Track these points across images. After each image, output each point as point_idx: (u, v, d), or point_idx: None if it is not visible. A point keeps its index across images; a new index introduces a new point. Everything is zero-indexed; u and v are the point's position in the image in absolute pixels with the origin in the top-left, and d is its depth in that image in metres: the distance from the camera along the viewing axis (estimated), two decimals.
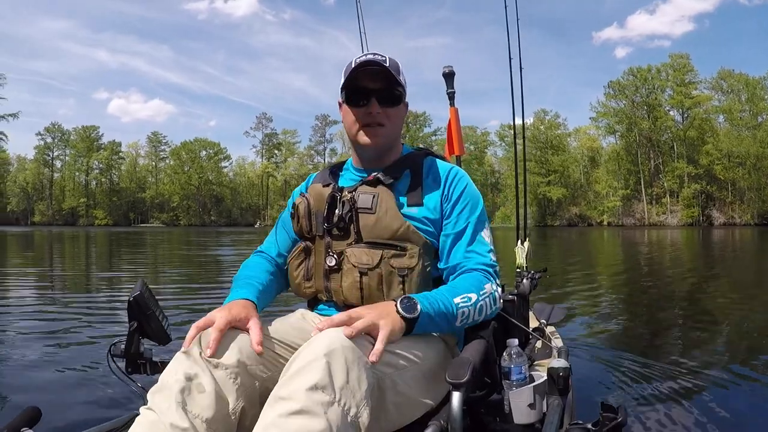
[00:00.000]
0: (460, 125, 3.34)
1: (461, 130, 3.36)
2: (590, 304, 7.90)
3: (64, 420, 3.05)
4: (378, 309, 1.50)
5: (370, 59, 1.77)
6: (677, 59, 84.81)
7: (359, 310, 1.47)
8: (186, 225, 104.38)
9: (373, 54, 1.82)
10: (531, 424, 1.69)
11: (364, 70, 1.78)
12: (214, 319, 1.51)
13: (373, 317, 1.44)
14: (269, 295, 1.89)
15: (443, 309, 1.58)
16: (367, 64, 1.77)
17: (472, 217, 1.83)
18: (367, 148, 1.86)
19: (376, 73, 1.79)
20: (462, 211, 1.82)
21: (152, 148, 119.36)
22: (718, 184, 79.74)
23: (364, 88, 1.81)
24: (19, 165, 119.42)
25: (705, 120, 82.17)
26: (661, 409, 3.30)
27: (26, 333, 5.79)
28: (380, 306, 1.53)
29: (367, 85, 1.80)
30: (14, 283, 10.82)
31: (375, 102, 1.80)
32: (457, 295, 1.63)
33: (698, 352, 4.69)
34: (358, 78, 1.79)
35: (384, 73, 1.78)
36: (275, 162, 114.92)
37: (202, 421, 1.33)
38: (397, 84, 1.82)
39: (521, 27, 4.20)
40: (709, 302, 7.94)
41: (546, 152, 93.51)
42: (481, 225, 1.84)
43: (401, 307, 1.51)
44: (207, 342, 1.44)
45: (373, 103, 1.80)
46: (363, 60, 1.78)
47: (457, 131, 3.28)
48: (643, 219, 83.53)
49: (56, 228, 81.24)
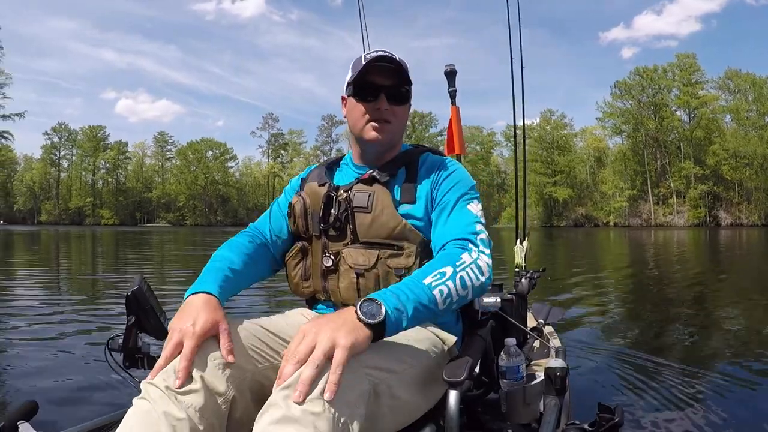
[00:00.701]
0: (461, 124, 3.32)
1: (462, 129, 3.34)
2: (590, 304, 7.89)
3: (61, 413, 3.06)
4: (334, 322, 1.32)
5: (383, 55, 1.77)
6: (684, 59, 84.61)
7: (309, 336, 1.29)
8: (192, 225, 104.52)
9: (383, 51, 1.82)
10: (528, 423, 1.69)
11: (376, 66, 1.77)
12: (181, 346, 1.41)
13: (329, 335, 1.27)
14: (241, 282, 1.80)
15: (414, 296, 1.43)
16: (381, 59, 1.76)
17: (456, 194, 1.78)
18: (371, 143, 1.84)
19: (387, 70, 1.78)
20: (448, 192, 1.79)
21: (159, 148, 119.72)
22: (725, 184, 79.50)
23: (373, 83, 1.79)
24: (26, 164, 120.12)
25: (712, 120, 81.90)
26: (658, 410, 3.30)
27: (24, 328, 5.84)
28: (339, 316, 1.35)
29: (378, 81, 1.79)
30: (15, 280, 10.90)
31: (384, 98, 1.79)
32: (427, 275, 1.50)
33: (698, 354, 4.68)
34: (369, 73, 1.78)
35: (395, 70, 1.78)
36: (281, 162, 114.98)
37: (195, 411, 1.33)
38: (406, 82, 1.82)
39: (522, 27, 4.18)
40: (711, 304, 7.90)
41: (552, 152, 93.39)
42: (467, 200, 1.79)
43: (362, 313, 1.34)
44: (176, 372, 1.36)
45: (381, 99, 1.79)
46: (376, 55, 1.77)
47: (457, 130, 3.26)
48: (649, 220, 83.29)
49: (63, 227, 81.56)
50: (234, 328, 1.51)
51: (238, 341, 1.49)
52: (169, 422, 1.30)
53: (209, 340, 1.44)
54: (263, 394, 1.42)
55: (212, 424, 1.36)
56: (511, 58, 4.11)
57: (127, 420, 1.33)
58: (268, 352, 1.56)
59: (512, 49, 4.14)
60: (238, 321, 1.56)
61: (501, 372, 1.72)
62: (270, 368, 1.50)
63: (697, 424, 3.08)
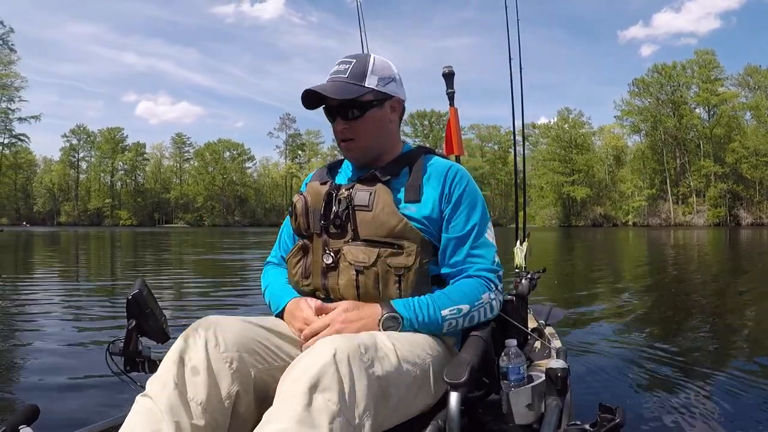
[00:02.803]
0: (459, 125, 3.31)
1: (461, 130, 3.33)
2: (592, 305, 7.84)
3: (63, 418, 3.06)
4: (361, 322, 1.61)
5: (309, 91, 1.75)
6: (703, 55, 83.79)
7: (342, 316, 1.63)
8: (210, 225, 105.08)
9: (338, 63, 1.83)
10: (529, 424, 1.67)
11: (311, 94, 1.77)
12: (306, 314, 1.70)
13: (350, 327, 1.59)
14: None
15: (427, 324, 1.65)
16: (307, 93, 1.76)
17: (474, 218, 1.81)
18: (349, 161, 1.92)
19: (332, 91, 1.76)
20: (464, 213, 1.80)
21: (176, 150, 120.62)
22: (745, 183, 78.65)
23: (328, 105, 1.82)
24: (46, 166, 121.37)
25: (732, 117, 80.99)
26: (660, 410, 3.27)
27: (26, 331, 5.86)
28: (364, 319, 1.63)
29: (329, 102, 1.81)
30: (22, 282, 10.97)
31: (339, 119, 1.80)
32: (446, 307, 1.67)
33: (700, 356, 4.60)
34: (324, 97, 1.78)
35: (341, 87, 1.77)
36: (299, 162, 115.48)
37: (197, 405, 1.35)
38: (359, 94, 1.77)
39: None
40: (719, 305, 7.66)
41: (570, 151, 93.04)
42: (484, 225, 1.83)
43: (383, 327, 1.61)
44: None
45: (337, 121, 1.81)
46: (305, 92, 1.77)
47: (456, 131, 3.25)
48: (669, 219, 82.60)
49: (82, 228, 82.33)
50: (239, 327, 1.54)
51: (244, 340, 1.51)
52: (173, 418, 1.31)
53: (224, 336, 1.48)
54: (267, 393, 1.45)
55: (216, 419, 1.38)
56: (509, 58, 4.07)
57: (131, 418, 1.34)
58: (273, 353, 1.58)
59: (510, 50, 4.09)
60: (243, 321, 1.58)
61: (502, 373, 1.70)
62: (275, 369, 1.52)
63: (699, 424, 3.07)
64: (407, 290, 1.68)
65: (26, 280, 11.22)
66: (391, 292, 1.68)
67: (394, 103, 1.88)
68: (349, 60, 1.82)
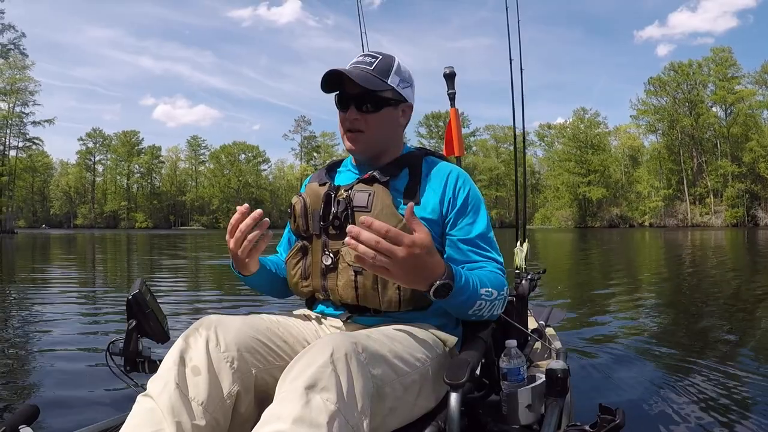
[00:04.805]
0: (460, 126, 3.30)
1: (461, 131, 3.32)
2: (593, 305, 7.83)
3: (62, 418, 3.09)
4: (421, 274, 1.40)
5: (333, 70, 1.75)
6: (719, 53, 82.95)
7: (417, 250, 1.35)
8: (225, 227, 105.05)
9: (363, 56, 1.83)
10: (529, 425, 1.67)
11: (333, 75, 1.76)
12: None
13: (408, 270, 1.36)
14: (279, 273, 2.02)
15: (464, 299, 1.54)
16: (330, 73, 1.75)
17: (482, 221, 1.81)
18: (350, 152, 1.89)
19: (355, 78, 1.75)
20: (471, 216, 1.81)
21: (192, 152, 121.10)
22: (763, 182, 77.68)
23: (345, 93, 1.81)
24: (62, 169, 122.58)
25: (749, 116, 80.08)
26: (660, 411, 3.27)
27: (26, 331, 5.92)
28: (427, 271, 1.40)
29: (347, 91, 1.80)
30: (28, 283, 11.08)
31: (353, 108, 1.79)
32: (486, 286, 1.60)
33: (701, 357, 4.55)
34: (342, 83, 1.79)
35: (364, 77, 1.76)
36: (314, 164, 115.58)
37: (199, 404, 1.35)
38: (381, 89, 1.78)
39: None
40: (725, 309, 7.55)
41: (586, 151, 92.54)
42: (489, 228, 1.83)
43: (432, 292, 1.43)
44: None
45: (351, 109, 1.79)
46: (330, 71, 1.76)
47: (457, 132, 3.23)
48: (686, 220, 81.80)
49: (98, 230, 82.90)
50: (240, 327, 1.54)
51: (245, 339, 1.51)
52: (174, 418, 1.31)
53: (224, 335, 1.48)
54: (268, 393, 1.44)
55: (216, 419, 1.38)
56: (510, 59, 4.02)
57: (132, 418, 1.35)
58: (274, 352, 1.58)
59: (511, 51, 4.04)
60: (244, 320, 1.59)
61: (502, 374, 1.70)
62: (276, 368, 1.52)
63: (699, 424, 3.06)
64: (406, 292, 1.67)
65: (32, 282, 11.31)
66: (390, 294, 1.67)
67: (406, 108, 1.89)
68: (376, 55, 1.83)
